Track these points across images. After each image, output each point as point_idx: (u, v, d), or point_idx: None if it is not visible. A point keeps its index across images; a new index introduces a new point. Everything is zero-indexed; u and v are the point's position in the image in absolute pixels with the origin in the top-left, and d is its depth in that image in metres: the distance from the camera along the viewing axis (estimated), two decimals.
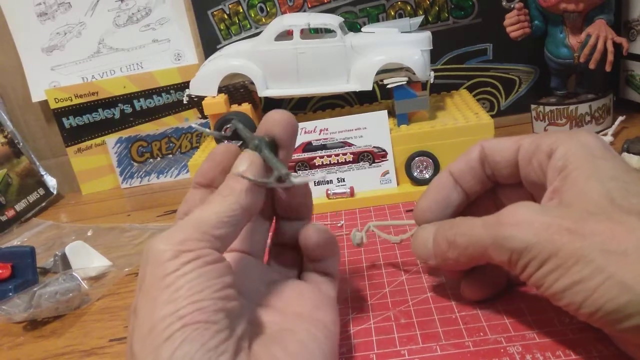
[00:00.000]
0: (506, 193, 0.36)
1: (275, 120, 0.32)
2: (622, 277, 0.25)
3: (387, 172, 0.56)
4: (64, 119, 0.77)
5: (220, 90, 0.61)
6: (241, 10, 0.72)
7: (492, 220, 0.30)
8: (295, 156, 0.56)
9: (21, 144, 0.78)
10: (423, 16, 0.68)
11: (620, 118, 0.64)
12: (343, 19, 0.60)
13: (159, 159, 0.80)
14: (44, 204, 0.77)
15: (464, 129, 0.55)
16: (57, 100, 0.76)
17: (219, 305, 0.26)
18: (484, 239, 0.30)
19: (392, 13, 0.71)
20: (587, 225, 0.27)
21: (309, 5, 0.71)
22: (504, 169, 0.34)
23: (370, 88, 0.58)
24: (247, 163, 0.30)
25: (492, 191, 0.36)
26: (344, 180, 0.57)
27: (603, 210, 0.27)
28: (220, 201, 0.29)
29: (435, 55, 0.65)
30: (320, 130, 0.56)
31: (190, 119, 0.78)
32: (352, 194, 0.56)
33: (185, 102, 0.63)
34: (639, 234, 0.26)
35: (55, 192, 0.80)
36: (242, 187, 0.29)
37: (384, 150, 0.56)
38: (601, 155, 0.30)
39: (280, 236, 0.36)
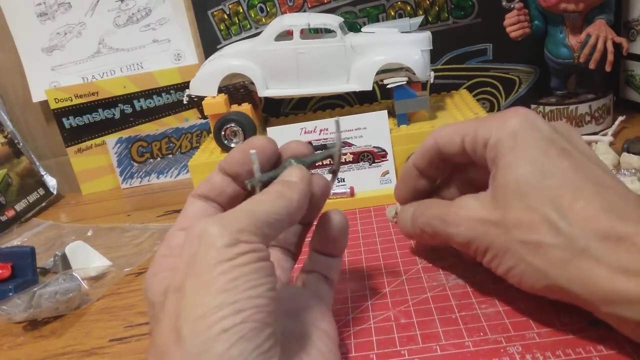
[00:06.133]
0: (473, 170, 0.37)
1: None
2: (538, 265, 0.29)
3: (387, 172, 0.56)
4: (64, 119, 0.77)
5: (220, 90, 0.61)
6: (241, 11, 0.72)
7: (442, 217, 0.35)
8: None
9: (21, 144, 0.78)
10: (423, 16, 0.68)
11: (620, 118, 0.64)
12: (343, 19, 0.60)
13: (159, 159, 0.80)
14: (44, 204, 0.77)
15: None
16: (57, 101, 0.76)
17: (272, 306, 0.25)
18: (442, 232, 0.35)
19: (392, 13, 0.71)
20: (510, 217, 0.30)
21: (309, 5, 0.71)
22: (458, 158, 0.36)
23: (370, 88, 0.58)
24: (298, 176, 0.31)
25: (461, 170, 0.38)
26: (344, 180, 0.57)
27: (521, 198, 0.30)
28: (271, 202, 0.28)
29: (435, 55, 0.65)
30: (320, 130, 0.56)
31: (190, 119, 0.78)
32: (352, 194, 0.56)
33: (185, 102, 0.63)
34: (549, 223, 0.28)
35: (55, 192, 0.79)
36: (293, 195, 0.29)
37: (384, 150, 0.56)
38: (524, 141, 0.31)
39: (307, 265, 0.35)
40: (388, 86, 0.57)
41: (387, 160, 0.56)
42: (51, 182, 0.80)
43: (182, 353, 0.23)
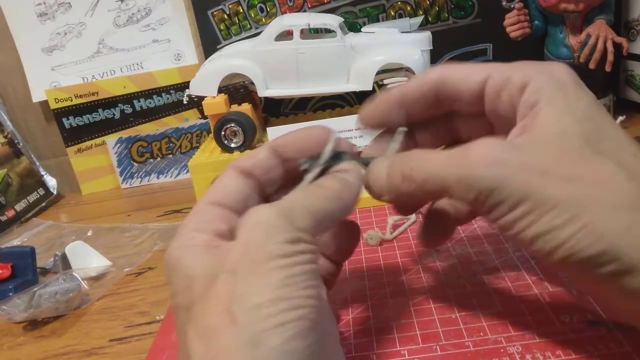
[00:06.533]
0: (462, 121, 0.34)
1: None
2: (596, 226, 0.24)
3: None
4: (64, 119, 0.77)
5: (220, 90, 0.61)
6: (241, 11, 0.72)
7: (458, 155, 0.27)
8: None
9: (21, 144, 0.78)
10: (423, 16, 0.68)
11: (620, 118, 0.63)
12: (343, 19, 0.60)
13: (159, 159, 0.80)
14: (44, 204, 0.77)
15: None
16: (57, 101, 0.76)
17: (321, 308, 0.25)
18: (446, 175, 0.28)
19: (392, 13, 0.71)
20: (562, 168, 0.26)
21: (309, 5, 0.71)
22: (465, 99, 0.31)
23: (370, 88, 0.58)
24: (355, 178, 0.30)
25: (446, 117, 0.34)
26: None
27: (578, 151, 0.26)
28: (329, 201, 0.28)
29: (435, 55, 0.65)
30: None
31: (190, 119, 0.78)
32: None
33: (185, 102, 0.63)
34: (616, 181, 0.25)
35: (55, 192, 0.79)
36: (349, 198, 0.29)
37: None
38: (574, 92, 0.28)
39: None
40: (388, 86, 0.57)
41: None
42: (51, 182, 0.80)
43: (237, 339, 0.23)
